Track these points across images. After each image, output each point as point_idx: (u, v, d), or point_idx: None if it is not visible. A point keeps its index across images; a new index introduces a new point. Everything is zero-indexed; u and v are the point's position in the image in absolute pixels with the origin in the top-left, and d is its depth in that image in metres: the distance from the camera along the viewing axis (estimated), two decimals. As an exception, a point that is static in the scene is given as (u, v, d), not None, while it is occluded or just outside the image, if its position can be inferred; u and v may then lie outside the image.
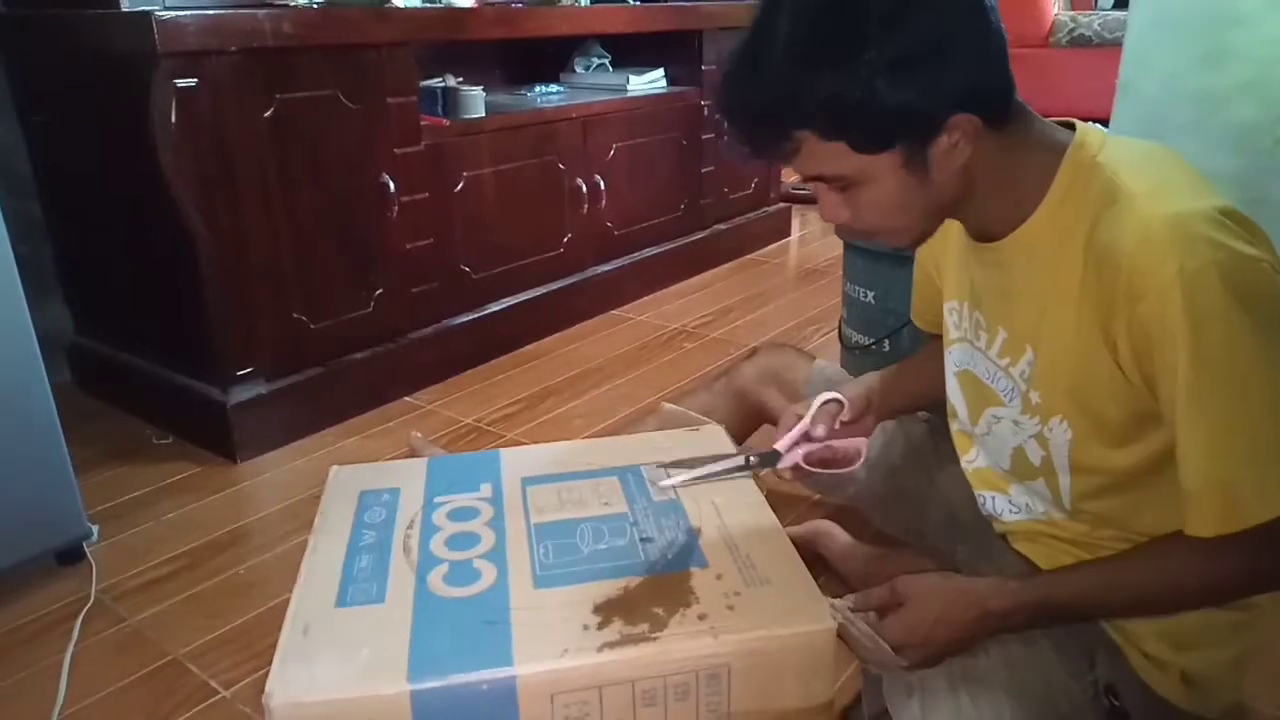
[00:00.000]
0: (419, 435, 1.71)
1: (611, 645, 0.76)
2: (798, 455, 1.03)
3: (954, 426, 0.99)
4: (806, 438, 1.04)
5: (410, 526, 0.94)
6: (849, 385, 1.09)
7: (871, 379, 1.10)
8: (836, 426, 1.05)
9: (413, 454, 1.32)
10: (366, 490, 1.02)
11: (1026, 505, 0.90)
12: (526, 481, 1.03)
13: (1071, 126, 0.80)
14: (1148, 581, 0.78)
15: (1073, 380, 0.78)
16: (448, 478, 1.04)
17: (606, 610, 0.80)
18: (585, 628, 0.78)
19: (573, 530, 0.93)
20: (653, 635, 0.77)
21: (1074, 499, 0.85)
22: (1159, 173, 0.76)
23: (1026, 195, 0.79)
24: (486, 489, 1.02)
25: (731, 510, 0.96)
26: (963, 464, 0.98)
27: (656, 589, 0.83)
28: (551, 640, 0.77)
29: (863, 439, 1.07)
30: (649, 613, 0.79)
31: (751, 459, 1.03)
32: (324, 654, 0.76)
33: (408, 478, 1.05)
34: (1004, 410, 0.88)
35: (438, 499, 1.00)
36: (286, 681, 0.73)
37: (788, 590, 0.83)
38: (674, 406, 1.30)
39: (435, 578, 0.85)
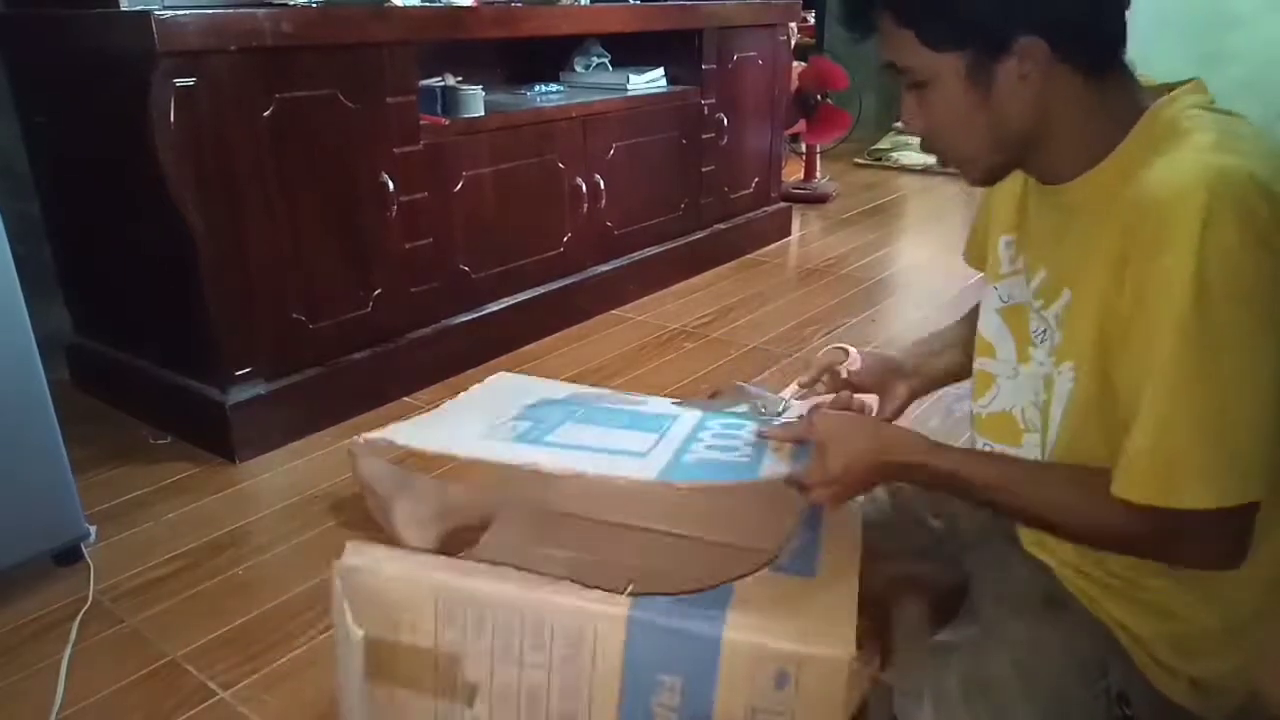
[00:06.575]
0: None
1: None
2: (802, 406, 1.04)
3: (977, 365, 0.96)
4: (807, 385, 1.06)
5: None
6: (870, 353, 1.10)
7: (904, 349, 1.10)
8: (844, 375, 1.05)
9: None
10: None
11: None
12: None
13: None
14: (1048, 502, 0.78)
15: (1098, 326, 0.76)
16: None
17: None
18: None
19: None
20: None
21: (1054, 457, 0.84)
22: (1235, 132, 0.72)
23: (1101, 143, 0.77)
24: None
25: None
26: (974, 409, 0.95)
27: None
28: None
29: (872, 395, 1.06)
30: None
31: (761, 406, 1.05)
32: None
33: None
34: (1034, 350, 0.87)
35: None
36: None
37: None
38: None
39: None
